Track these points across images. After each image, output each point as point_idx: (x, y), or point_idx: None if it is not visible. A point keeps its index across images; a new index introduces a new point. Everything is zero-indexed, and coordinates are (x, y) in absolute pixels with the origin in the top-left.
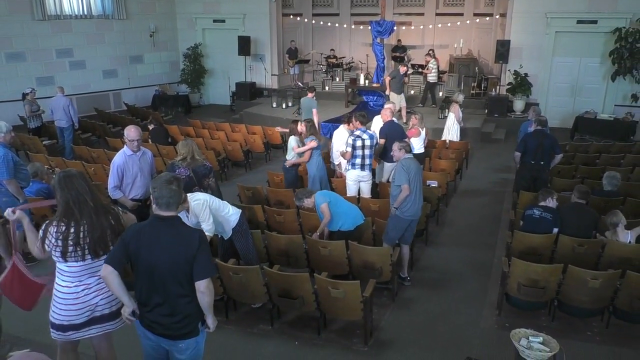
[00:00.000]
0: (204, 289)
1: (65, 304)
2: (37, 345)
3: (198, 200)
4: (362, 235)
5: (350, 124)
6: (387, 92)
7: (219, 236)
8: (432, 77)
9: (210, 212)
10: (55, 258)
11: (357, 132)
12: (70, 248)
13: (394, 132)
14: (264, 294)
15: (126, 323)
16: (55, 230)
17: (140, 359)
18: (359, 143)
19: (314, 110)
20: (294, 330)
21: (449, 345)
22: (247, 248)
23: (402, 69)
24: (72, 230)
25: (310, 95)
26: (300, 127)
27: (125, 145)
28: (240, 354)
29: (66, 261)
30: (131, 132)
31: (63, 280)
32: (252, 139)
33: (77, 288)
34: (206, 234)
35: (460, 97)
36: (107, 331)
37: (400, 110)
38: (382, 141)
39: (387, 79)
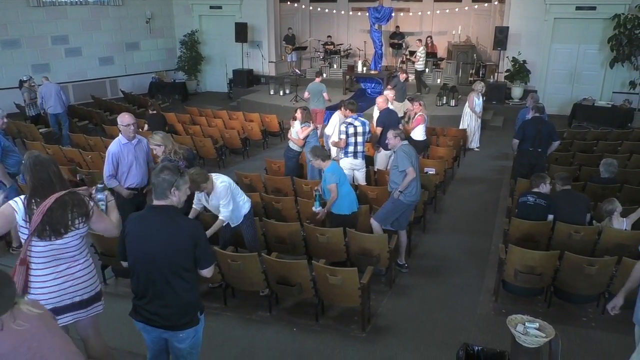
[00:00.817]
0: (207, 274)
1: (34, 288)
2: None
3: (224, 182)
4: (356, 221)
5: (341, 111)
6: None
7: (225, 224)
8: (419, 65)
9: (231, 196)
10: (24, 238)
11: (349, 120)
12: (41, 226)
13: (392, 120)
14: (262, 281)
15: (99, 311)
16: (26, 203)
17: (130, 344)
18: (351, 130)
19: (324, 94)
20: (292, 317)
21: (446, 331)
22: (254, 236)
23: (402, 77)
24: (42, 208)
25: (317, 79)
26: (298, 114)
27: (120, 134)
28: (238, 340)
29: (40, 239)
30: (125, 118)
31: (33, 264)
32: (250, 127)
33: (45, 271)
34: (221, 218)
35: (479, 86)
36: (78, 319)
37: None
38: (378, 130)
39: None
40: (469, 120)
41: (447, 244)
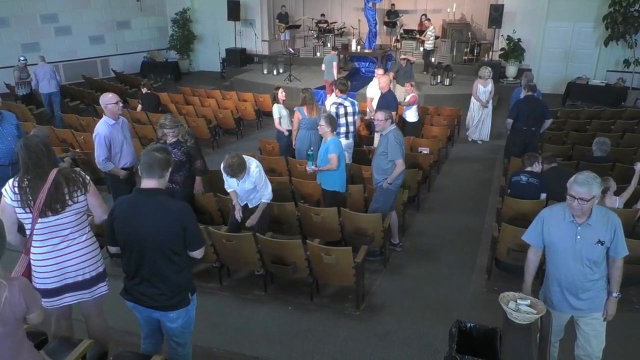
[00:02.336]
0: (198, 255)
1: (36, 266)
2: None
3: (258, 166)
4: (346, 200)
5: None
6: (391, 86)
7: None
8: (428, 45)
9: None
10: (22, 219)
11: (339, 100)
12: (35, 203)
13: (397, 102)
14: (257, 260)
15: (104, 292)
16: (17, 184)
17: (125, 324)
18: (341, 110)
19: (334, 64)
20: (287, 296)
21: (439, 308)
22: (265, 218)
23: (402, 62)
24: (34, 187)
25: (333, 52)
26: (281, 95)
27: (104, 116)
28: (234, 318)
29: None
30: (108, 96)
31: (34, 242)
32: (244, 107)
33: (43, 249)
34: (264, 201)
35: (484, 72)
36: (82, 300)
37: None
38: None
39: (391, 75)
40: (473, 108)
41: (441, 223)
